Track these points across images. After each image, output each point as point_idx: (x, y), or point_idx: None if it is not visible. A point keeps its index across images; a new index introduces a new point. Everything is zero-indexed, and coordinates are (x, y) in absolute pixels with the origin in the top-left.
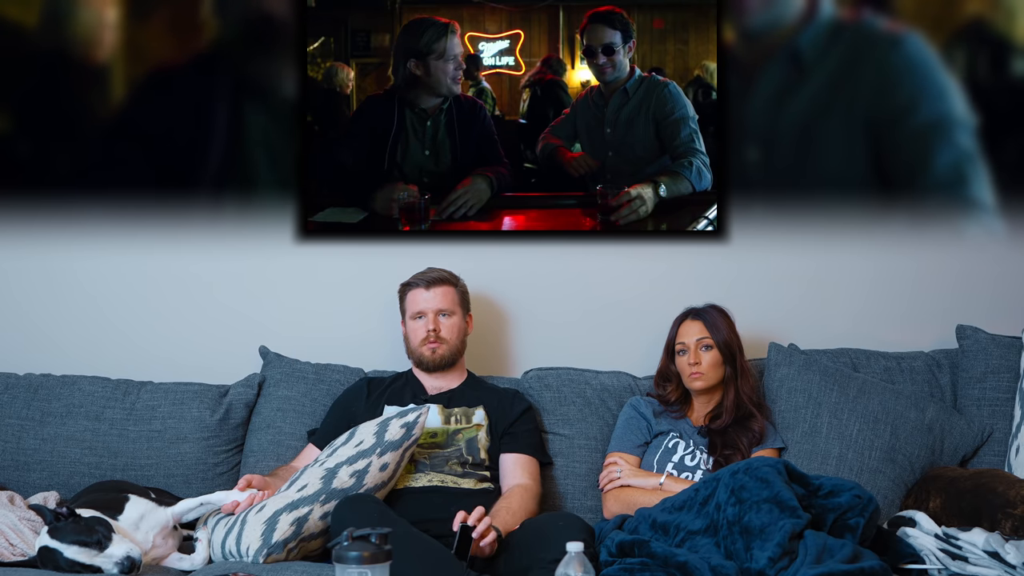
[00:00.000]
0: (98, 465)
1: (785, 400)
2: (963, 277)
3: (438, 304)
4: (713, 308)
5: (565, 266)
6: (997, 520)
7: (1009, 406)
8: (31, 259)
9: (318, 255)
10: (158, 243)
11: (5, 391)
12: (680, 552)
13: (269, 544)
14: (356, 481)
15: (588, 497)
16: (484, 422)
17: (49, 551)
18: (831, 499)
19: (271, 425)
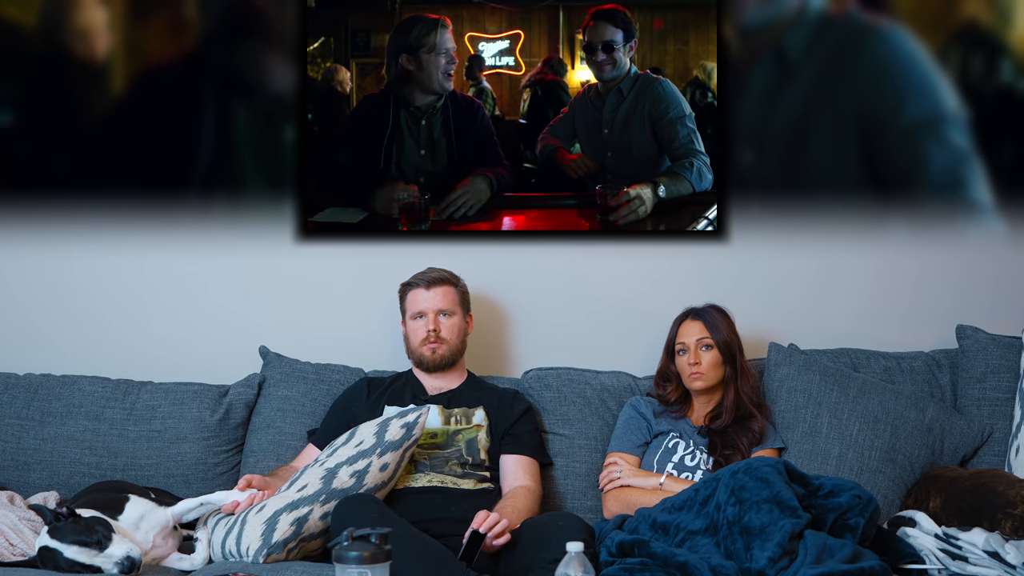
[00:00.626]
0: (98, 465)
1: (785, 400)
2: (963, 277)
3: (438, 304)
4: (713, 308)
5: (565, 266)
6: (997, 520)
7: (1009, 406)
8: (31, 259)
9: (318, 255)
10: (159, 243)
11: (5, 391)
12: (680, 552)
13: (269, 544)
14: (356, 481)
15: (588, 497)
16: (484, 423)
17: (49, 551)
18: (831, 499)
19: (271, 425)
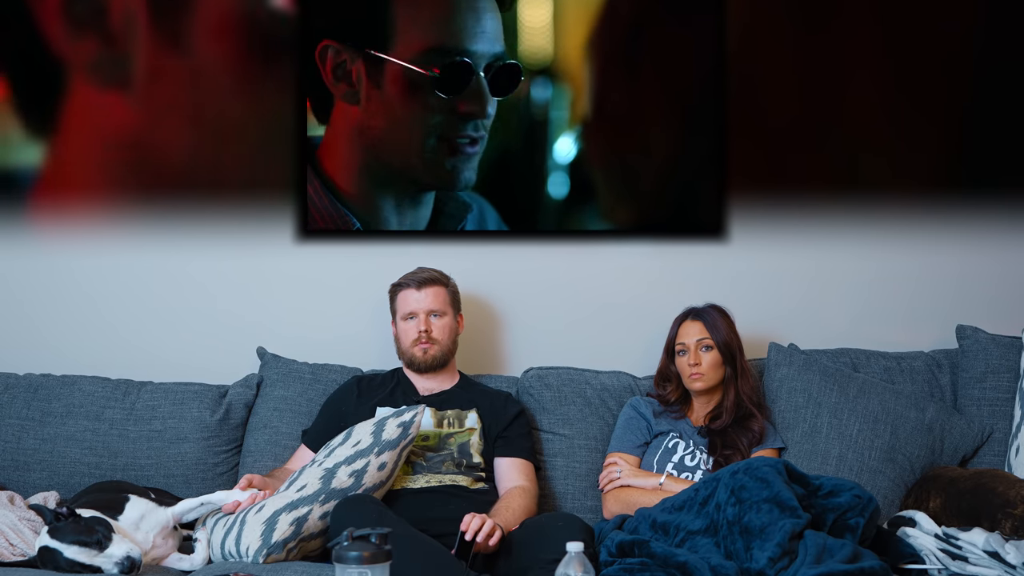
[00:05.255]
0: (98, 465)
1: (785, 400)
2: (963, 277)
3: (429, 305)
4: (713, 308)
5: (565, 265)
6: (997, 520)
7: (1009, 406)
8: (31, 259)
9: (318, 255)
10: (159, 244)
11: (5, 391)
12: (680, 552)
13: (268, 544)
14: (355, 481)
15: (588, 497)
16: (477, 425)
17: (49, 551)
18: (831, 499)
19: (268, 425)
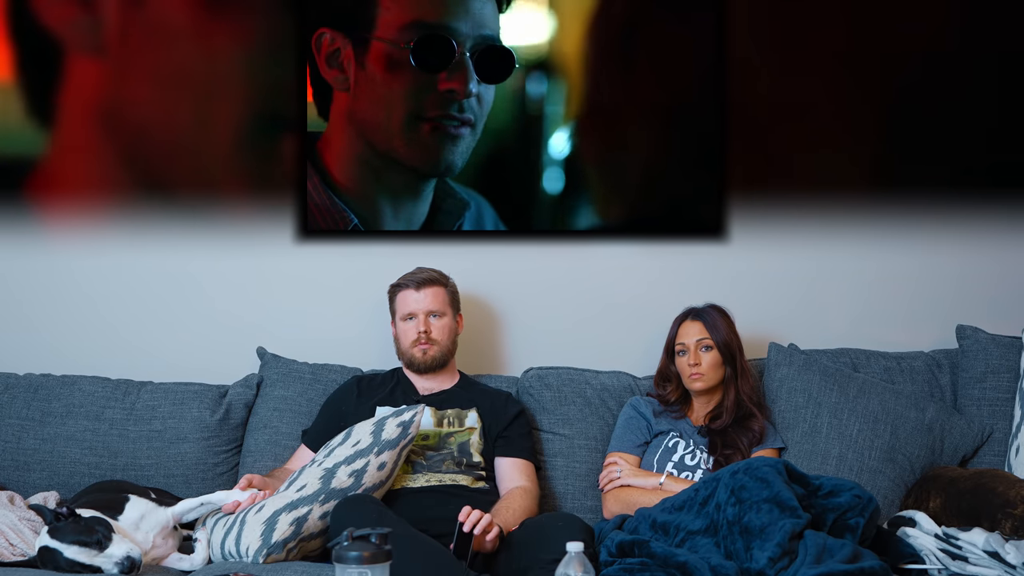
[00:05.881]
0: (98, 465)
1: (785, 400)
2: (963, 277)
3: (428, 305)
4: (713, 308)
5: (565, 266)
6: (997, 520)
7: (1009, 406)
8: (31, 259)
9: (317, 255)
10: (159, 243)
11: (5, 391)
12: (680, 552)
13: (268, 544)
14: (355, 481)
15: (588, 497)
16: (477, 425)
17: (49, 551)
18: (831, 499)
19: (268, 425)
